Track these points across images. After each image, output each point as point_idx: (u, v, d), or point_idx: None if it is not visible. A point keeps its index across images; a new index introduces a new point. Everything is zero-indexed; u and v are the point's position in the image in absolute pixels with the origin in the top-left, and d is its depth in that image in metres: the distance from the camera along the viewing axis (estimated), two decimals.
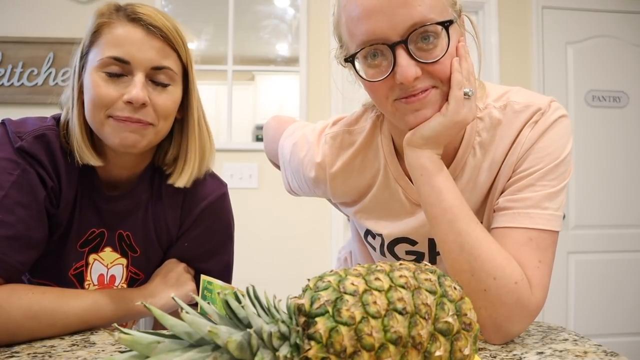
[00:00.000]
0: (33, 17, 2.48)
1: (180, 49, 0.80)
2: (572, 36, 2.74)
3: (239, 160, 2.56)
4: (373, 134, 0.83)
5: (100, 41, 0.77)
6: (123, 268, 0.88)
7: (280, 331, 0.41)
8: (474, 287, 0.66)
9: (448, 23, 0.66)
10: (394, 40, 0.65)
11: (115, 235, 0.86)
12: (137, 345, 0.40)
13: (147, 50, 0.76)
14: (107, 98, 0.75)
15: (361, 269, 0.45)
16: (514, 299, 0.65)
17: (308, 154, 0.86)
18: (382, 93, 0.70)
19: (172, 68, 0.80)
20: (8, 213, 0.71)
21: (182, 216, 0.90)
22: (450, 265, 0.69)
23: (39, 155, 0.75)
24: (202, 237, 0.91)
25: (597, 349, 0.64)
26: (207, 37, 3.06)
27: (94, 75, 0.76)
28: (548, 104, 0.74)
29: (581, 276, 2.67)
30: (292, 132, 0.92)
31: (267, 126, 1.06)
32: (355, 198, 0.87)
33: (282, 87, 4.26)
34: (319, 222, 2.56)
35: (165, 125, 0.81)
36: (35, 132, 0.76)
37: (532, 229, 0.69)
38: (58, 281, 0.83)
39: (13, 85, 2.44)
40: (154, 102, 0.77)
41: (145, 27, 0.76)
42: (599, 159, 2.70)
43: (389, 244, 0.87)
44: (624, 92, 2.74)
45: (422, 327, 0.41)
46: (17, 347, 0.67)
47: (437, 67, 0.67)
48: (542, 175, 0.71)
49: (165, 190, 0.88)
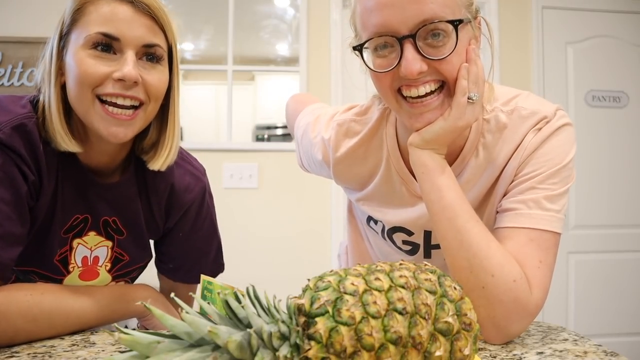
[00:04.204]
0: (33, 17, 2.48)
1: (167, 28, 0.78)
2: (572, 36, 2.74)
3: (239, 160, 2.55)
4: (379, 126, 0.85)
5: (84, 19, 0.74)
6: (108, 249, 0.88)
7: (280, 331, 0.41)
8: (472, 284, 0.66)
9: (458, 22, 0.67)
10: (403, 33, 0.67)
11: (99, 221, 0.85)
12: (137, 345, 0.40)
13: (137, 28, 0.74)
14: (96, 75, 0.72)
15: (361, 269, 0.45)
16: (512, 297, 0.65)
17: (318, 136, 0.90)
18: (386, 83, 0.72)
19: (162, 46, 0.78)
20: None
21: (168, 209, 0.91)
22: (450, 262, 0.70)
23: (18, 148, 0.71)
24: (193, 225, 0.94)
25: (597, 349, 0.64)
26: (207, 37, 3.06)
27: (79, 53, 0.72)
28: (554, 112, 0.75)
29: (581, 276, 2.67)
30: (310, 112, 0.97)
31: (288, 103, 1.13)
32: (357, 185, 0.91)
33: (282, 87, 4.25)
34: (318, 222, 2.55)
35: (155, 106, 0.79)
36: (13, 121, 0.72)
37: (533, 230, 0.70)
38: (43, 267, 0.83)
39: (13, 85, 2.44)
40: (146, 80, 0.75)
41: (132, 4, 0.74)
42: (599, 159, 2.70)
43: (388, 230, 0.90)
44: (624, 92, 2.74)
45: (422, 327, 0.41)
46: (17, 347, 0.67)
47: (444, 64, 0.68)
48: (543, 178, 0.72)
49: (150, 182, 0.88)
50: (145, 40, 0.75)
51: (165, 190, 0.90)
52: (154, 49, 0.76)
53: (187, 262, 0.96)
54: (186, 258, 0.96)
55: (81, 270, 0.86)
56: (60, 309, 0.72)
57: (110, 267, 0.89)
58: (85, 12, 0.74)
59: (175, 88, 0.83)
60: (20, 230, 0.73)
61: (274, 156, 2.58)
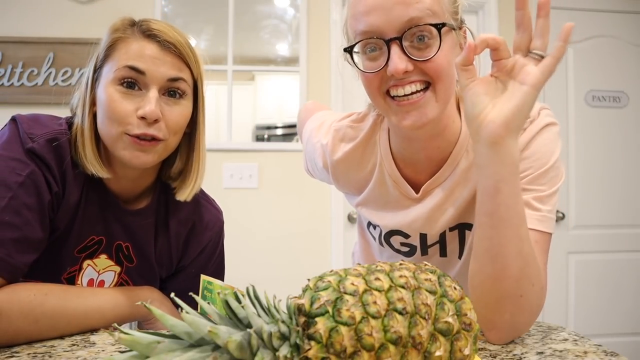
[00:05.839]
0: (33, 17, 2.48)
1: (192, 64, 0.83)
2: (572, 36, 2.72)
3: (239, 160, 2.55)
4: (373, 132, 0.88)
5: (115, 55, 0.79)
6: (115, 275, 0.89)
7: (280, 331, 0.41)
8: (512, 292, 0.64)
9: (441, 25, 0.69)
10: (390, 35, 0.69)
11: (113, 244, 0.87)
12: (137, 345, 0.40)
13: (161, 65, 0.79)
14: (123, 113, 0.77)
15: (361, 269, 0.45)
16: (540, 305, 0.67)
17: (318, 142, 0.93)
18: (374, 84, 0.74)
19: (186, 80, 0.82)
20: (15, 215, 0.71)
21: (187, 243, 0.94)
22: (497, 269, 0.65)
23: (48, 159, 0.76)
24: (207, 262, 0.97)
25: (597, 349, 0.64)
26: (207, 37, 3.05)
27: (109, 89, 0.78)
28: (538, 111, 0.76)
29: (581, 276, 2.67)
30: (316, 119, 1.00)
31: (300, 110, 1.16)
32: (355, 190, 0.93)
33: (282, 87, 4.25)
34: (319, 222, 2.55)
35: (175, 139, 0.83)
36: (47, 135, 0.77)
37: (533, 231, 0.70)
38: (49, 282, 0.82)
39: (13, 85, 2.44)
40: (166, 117, 0.79)
41: (160, 43, 0.79)
42: (598, 159, 2.70)
43: (385, 235, 0.91)
44: (624, 92, 2.73)
45: (422, 327, 0.41)
46: (17, 347, 0.67)
47: (429, 64, 0.70)
48: (531, 180, 0.73)
49: (173, 214, 0.92)
50: (170, 75, 0.79)
51: (188, 225, 0.93)
52: (178, 82, 0.81)
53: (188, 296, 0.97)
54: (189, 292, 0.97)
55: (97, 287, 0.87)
56: (64, 311, 0.72)
57: None
58: (116, 48, 0.80)
59: (200, 120, 0.87)
60: (38, 237, 0.74)
61: (274, 156, 2.58)
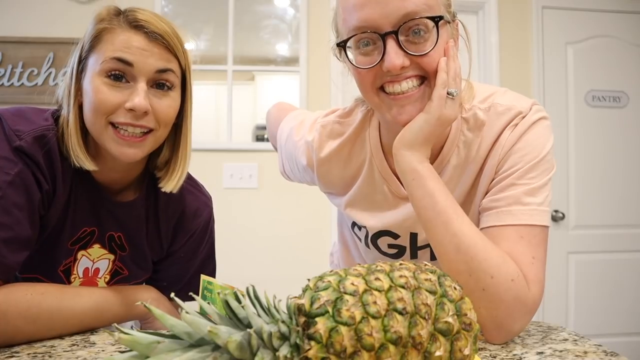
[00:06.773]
0: (33, 17, 2.48)
1: (180, 54, 0.81)
2: (572, 36, 2.73)
3: (239, 160, 2.55)
4: (362, 127, 0.86)
5: (101, 46, 0.77)
6: (109, 262, 0.90)
7: (280, 331, 0.41)
8: (472, 286, 0.66)
9: (438, 19, 0.68)
10: (385, 30, 0.68)
11: (105, 235, 0.87)
12: (137, 345, 0.40)
13: (149, 57, 0.77)
14: (109, 104, 0.75)
15: (361, 269, 0.45)
16: (512, 296, 0.65)
17: (301, 139, 0.90)
18: (368, 80, 0.72)
19: (175, 71, 0.81)
20: (5, 214, 0.70)
21: (176, 232, 0.94)
22: (447, 267, 0.69)
23: (37, 157, 0.75)
24: (197, 248, 0.97)
25: (597, 349, 0.64)
26: (207, 37, 3.05)
27: (95, 81, 0.76)
28: (529, 106, 0.76)
29: (581, 276, 2.67)
30: (293, 117, 0.97)
31: (269, 111, 1.13)
32: (340, 189, 0.90)
33: (282, 87, 4.25)
34: (319, 222, 2.55)
35: (165, 131, 0.82)
36: (35, 131, 0.76)
37: (521, 226, 0.70)
38: (46, 276, 0.84)
39: (13, 85, 2.44)
40: (155, 108, 0.78)
41: (147, 34, 0.77)
42: (598, 159, 2.70)
43: (372, 236, 0.89)
44: (624, 92, 2.73)
45: (422, 327, 0.41)
46: (17, 347, 0.67)
47: (425, 59, 0.70)
48: (522, 173, 0.72)
49: (161, 205, 0.91)
50: (158, 66, 0.78)
51: (175, 214, 0.93)
52: (167, 74, 0.79)
53: (180, 282, 0.98)
54: (181, 278, 0.98)
55: (82, 280, 0.88)
56: (61, 311, 0.72)
57: (109, 279, 0.91)
58: (102, 39, 0.77)
59: (188, 111, 0.87)
60: (29, 235, 0.74)
61: (274, 156, 2.55)
